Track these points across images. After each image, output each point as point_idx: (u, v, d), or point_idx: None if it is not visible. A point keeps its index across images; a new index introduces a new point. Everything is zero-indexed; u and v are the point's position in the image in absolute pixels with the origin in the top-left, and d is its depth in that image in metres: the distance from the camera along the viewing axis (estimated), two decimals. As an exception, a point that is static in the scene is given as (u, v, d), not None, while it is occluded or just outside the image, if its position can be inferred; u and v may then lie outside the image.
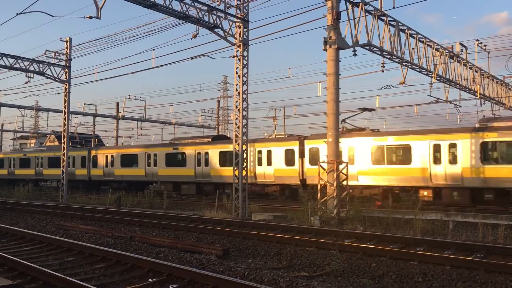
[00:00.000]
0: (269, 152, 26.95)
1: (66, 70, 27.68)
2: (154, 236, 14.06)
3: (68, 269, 9.52)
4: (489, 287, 8.20)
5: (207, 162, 29.61)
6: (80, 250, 11.16)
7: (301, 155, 25.70)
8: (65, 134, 28.11)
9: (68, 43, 27.61)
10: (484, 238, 13.14)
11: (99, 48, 24.65)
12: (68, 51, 27.58)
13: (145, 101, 44.19)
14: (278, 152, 26.63)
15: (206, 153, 29.74)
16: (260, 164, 27.28)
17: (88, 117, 46.27)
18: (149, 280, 8.35)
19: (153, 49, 22.24)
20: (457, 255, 10.36)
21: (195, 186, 30.52)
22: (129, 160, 34.71)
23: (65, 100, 27.93)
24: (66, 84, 27.78)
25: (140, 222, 17.17)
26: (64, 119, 28.19)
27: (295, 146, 26.01)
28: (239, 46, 19.70)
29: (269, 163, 26.87)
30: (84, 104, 43.88)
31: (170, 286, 7.91)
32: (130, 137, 51.31)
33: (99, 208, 22.99)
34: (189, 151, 30.61)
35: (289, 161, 26.14)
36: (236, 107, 20.05)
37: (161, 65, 22.28)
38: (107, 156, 36.18)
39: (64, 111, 28.19)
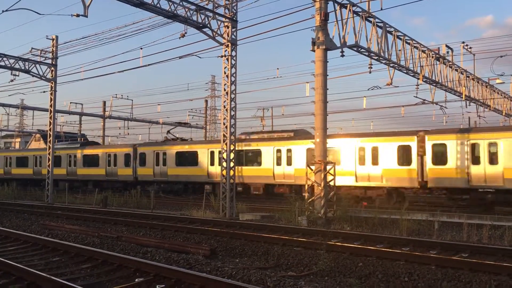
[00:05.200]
0: (374, 149, 23.40)
1: (52, 68, 27.42)
2: (141, 236, 13.98)
3: (53, 269, 9.42)
4: (474, 286, 8.30)
5: (290, 160, 25.80)
6: (65, 250, 11.05)
7: (421, 152, 22.36)
8: (51, 133, 27.84)
9: (55, 41, 27.35)
10: (469, 238, 13.29)
11: (86, 47, 24.41)
12: (54, 49, 27.32)
13: (132, 100, 43.95)
14: (388, 149, 23.11)
15: (289, 150, 25.93)
16: (362, 163, 23.52)
17: (74, 116, 45.88)
18: (136, 280, 8.31)
19: (141, 48, 22.18)
20: (443, 255, 10.48)
21: (264, 186, 26.93)
22: (186, 158, 30.30)
23: (51, 99, 27.67)
24: (52, 83, 27.51)
25: (127, 222, 17.07)
26: (50, 117, 27.91)
27: (411, 142, 22.66)
28: (227, 46, 19.69)
29: (374, 161, 23.37)
30: (70, 102, 43.63)
31: (157, 286, 7.88)
32: (117, 136, 51.07)
33: (85, 208, 22.80)
34: (267, 147, 26.65)
35: (404, 159, 22.83)
36: (224, 107, 20.04)
37: (149, 64, 22.21)
38: (157, 154, 31.80)
39: (50, 109, 27.92)
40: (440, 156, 21.51)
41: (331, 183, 17.94)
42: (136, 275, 8.66)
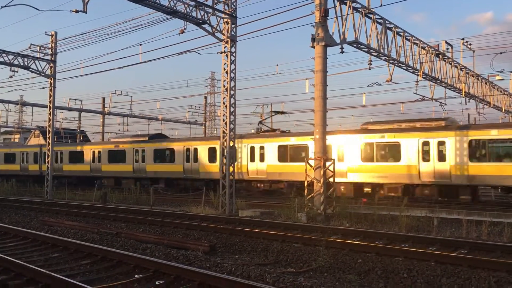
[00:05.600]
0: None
1: (52, 64, 27.36)
2: (140, 232, 13.99)
3: (53, 265, 9.42)
4: (473, 282, 8.31)
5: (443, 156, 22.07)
6: (65, 246, 11.05)
7: None
8: (50, 130, 27.81)
9: (54, 37, 27.27)
10: (468, 235, 13.30)
11: (85, 43, 24.39)
12: (53, 45, 27.25)
13: (131, 96, 44.02)
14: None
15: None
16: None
17: (74, 112, 45.92)
18: (135, 276, 8.31)
19: (140, 44, 22.15)
20: (442, 251, 10.48)
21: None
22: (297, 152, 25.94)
23: (50, 95, 27.62)
24: (51, 79, 27.45)
25: (126, 218, 17.07)
26: (49, 114, 27.87)
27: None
28: (226, 42, 19.64)
29: None
30: (70, 99, 43.55)
31: (156, 282, 7.89)
32: (116, 133, 51.02)
33: (84, 204, 22.80)
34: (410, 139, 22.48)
35: None
36: (224, 103, 20.01)
37: (148, 60, 22.31)
38: (252, 148, 26.87)
39: (49, 106, 27.87)
40: None
41: (331, 180, 17.96)
42: (135, 271, 8.66)
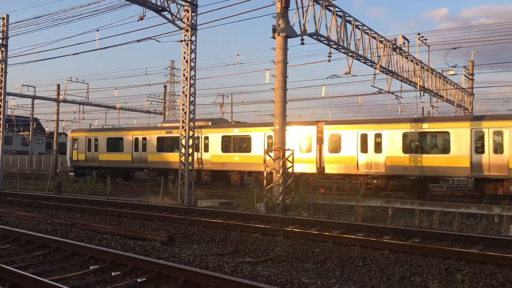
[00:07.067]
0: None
1: (3, 49, 26.20)
2: (96, 223, 13.71)
3: (3, 257, 9.10)
4: (424, 270, 8.61)
5: None
6: (16, 237, 10.69)
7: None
8: (1, 117, 26.69)
9: (5, 20, 26.09)
10: (420, 224, 13.77)
11: (40, 27, 23.37)
12: (4, 29, 26.07)
13: (88, 84, 42.75)
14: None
15: None
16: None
17: (27, 99, 44.18)
18: (91, 267, 8.15)
19: (97, 30, 21.50)
20: (395, 240, 10.80)
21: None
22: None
23: (1, 81, 26.47)
24: (2, 64, 26.30)
25: (82, 209, 16.67)
26: (0, 100, 26.73)
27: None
28: (187, 30, 19.38)
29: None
30: (22, 85, 41.73)
31: (112, 273, 7.76)
32: (72, 121, 49.63)
33: (38, 194, 22.10)
34: None
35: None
36: (184, 92, 19.79)
37: (106, 47, 21.66)
38: (363, 135, 22.29)
39: (0, 92, 26.73)
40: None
41: (290, 170, 18.12)
42: (90, 263, 8.48)
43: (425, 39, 28.76)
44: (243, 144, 26.11)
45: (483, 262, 8.76)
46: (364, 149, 22.03)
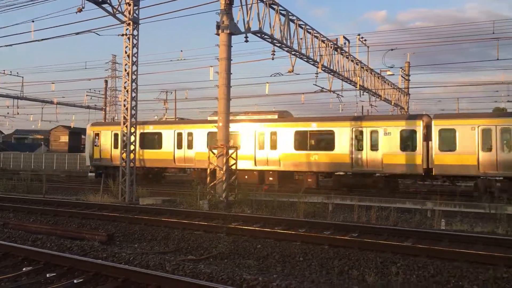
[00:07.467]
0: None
1: None
2: (30, 223, 13.13)
3: None
4: (362, 263, 8.90)
5: None
6: None
7: None
8: None
9: None
10: (359, 219, 14.22)
11: (-32, 16, 22.03)
12: None
13: (22, 77, 40.63)
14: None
15: None
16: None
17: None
18: (24, 269, 7.79)
19: (33, 21, 20.54)
20: (335, 235, 11.09)
21: None
22: None
23: None
24: None
25: (15, 208, 15.88)
26: None
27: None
28: (128, 24, 18.92)
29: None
30: None
31: (47, 275, 7.46)
32: (5, 116, 47.18)
33: (-34, 193, 20.86)
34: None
35: None
36: (125, 88, 19.32)
37: (42, 39, 20.64)
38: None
39: None
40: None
41: (233, 167, 18.15)
42: (24, 264, 8.12)
43: (365, 40, 29.75)
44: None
45: (416, 255, 9.17)
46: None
